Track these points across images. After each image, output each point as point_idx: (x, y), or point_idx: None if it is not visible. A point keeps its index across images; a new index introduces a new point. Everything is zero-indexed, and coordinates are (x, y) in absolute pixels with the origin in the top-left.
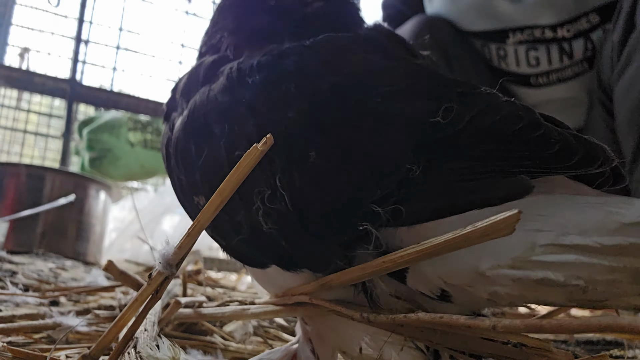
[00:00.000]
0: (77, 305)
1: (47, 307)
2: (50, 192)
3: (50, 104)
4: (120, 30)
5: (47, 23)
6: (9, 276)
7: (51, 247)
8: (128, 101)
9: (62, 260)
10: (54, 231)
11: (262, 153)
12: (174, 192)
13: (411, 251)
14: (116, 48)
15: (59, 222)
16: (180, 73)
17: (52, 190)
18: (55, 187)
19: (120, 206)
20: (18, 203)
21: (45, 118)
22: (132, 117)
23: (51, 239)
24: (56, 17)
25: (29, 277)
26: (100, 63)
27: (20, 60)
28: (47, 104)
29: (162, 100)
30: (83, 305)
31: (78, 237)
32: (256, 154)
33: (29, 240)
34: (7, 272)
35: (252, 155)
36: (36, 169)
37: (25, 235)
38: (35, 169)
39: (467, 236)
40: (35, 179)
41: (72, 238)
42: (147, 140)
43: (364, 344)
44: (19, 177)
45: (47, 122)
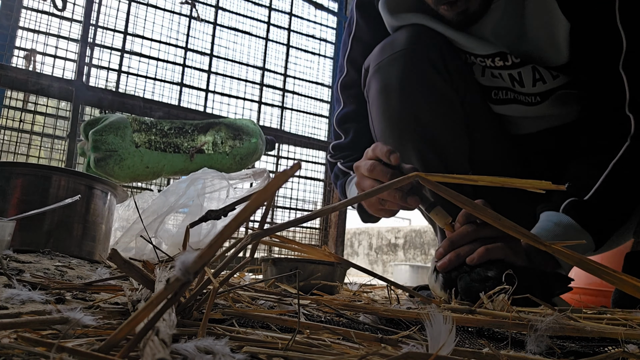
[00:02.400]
0: (84, 303)
1: (54, 304)
2: (57, 192)
3: (56, 106)
4: (125, 32)
5: (53, 26)
6: (16, 275)
7: (57, 246)
8: (133, 103)
9: (68, 258)
10: (60, 230)
11: (289, 176)
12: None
13: None
14: (121, 50)
15: (65, 221)
16: (183, 75)
17: (58, 190)
18: (61, 187)
19: (125, 205)
20: (25, 203)
21: (52, 119)
22: (137, 118)
23: (57, 237)
24: (62, 20)
25: (36, 276)
26: (105, 65)
27: (26, 62)
28: (53, 105)
29: (166, 101)
30: (89, 303)
31: (84, 236)
32: (284, 177)
33: (35, 239)
34: (14, 271)
35: (281, 177)
36: (42, 169)
37: (32, 234)
38: (41, 169)
39: None
40: (42, 179)
41: (78, 237)
42: (151, 141)
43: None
44: (26, 177)
45: (53, 123)
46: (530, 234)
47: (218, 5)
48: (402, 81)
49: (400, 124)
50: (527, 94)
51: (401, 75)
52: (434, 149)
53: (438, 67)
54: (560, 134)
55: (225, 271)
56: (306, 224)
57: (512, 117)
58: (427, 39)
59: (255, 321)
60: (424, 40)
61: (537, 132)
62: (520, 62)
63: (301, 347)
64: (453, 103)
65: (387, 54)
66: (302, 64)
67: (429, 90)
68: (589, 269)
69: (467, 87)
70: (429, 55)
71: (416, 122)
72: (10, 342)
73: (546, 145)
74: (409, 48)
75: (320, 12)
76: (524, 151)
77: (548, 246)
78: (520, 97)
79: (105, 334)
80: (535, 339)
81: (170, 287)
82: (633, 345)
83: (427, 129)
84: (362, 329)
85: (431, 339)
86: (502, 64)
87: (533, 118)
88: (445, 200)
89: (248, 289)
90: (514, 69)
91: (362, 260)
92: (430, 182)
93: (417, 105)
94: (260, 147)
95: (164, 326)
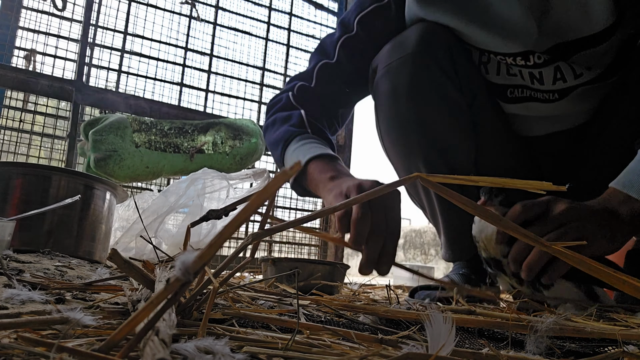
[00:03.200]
0: (84, 303)
1: (54, 304)
2: (57, 192)
3: (56, 106)
4: (125, 32)
5: (53, 26)
6: (16, 275)
7: (57, 246)
8: (133, 103)
9: (68, 258)
10: (60, 230)
11: (289, 176)
12: None
13: None
14: (121, 50)
15: (65, 221)
16: (183, 75)
17: (58, 190)
18: (61, 187)
19: (125, 205)
20: (25, 203)
21: (52, 119)
22: (137, 118)
23: (57, 237)
24: (62, 20)
25: (36, 276)
26: (105, 65)
27: (26, 62)
28: (53, 105)
29: (166, 101)
30: (89, 303)
31: (84, 236)
32: (284, 177)
33: (35, 239)
34: (14, 271)
35: (281, 177)
36: (43, 169)
37: (32, 234)
38: (41, 169)
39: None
40: (42, 179)
41: (77, 237)
42: (151, 141)
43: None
44: (26, 177)
45: (53, 123)
46: (532, 235)
47: (218, 5)
48: (410, 86)
49: (409, 129)
50: (545, 91)
51: (410, 80)
52: (441, 154)
53: (447, 70)
54: (571, 136)
55: (225, 271)
56: (306, 223)
57: (525, 118)
58: (437, 40)
59: (255, 321)
60: (434, 42)
61: (548, 135)
62: (543, 62)
63: (301, 347)
64: (461, 107)
65: (396, 56)
66: (303, 64)
67: (437, 95)
68: (589, 269)
69: (476, 88)
70: (437, 58)
71: (424, 128)
72: (10, 342)
73: (557, 148)
74: (419, 51)
75: (321, 12)
76: (534, 153)
77: (548, 246)
78: (537, 95)
79: (105, 334)
80: (535, 339)
81: (171, 287)
82: (632, 346)
83: (435, 134)
84: (362, 330)
85: (431, 339)
86: (523, 63)
87: (546, 118)
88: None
89: (248, 289)
90: (535, 69)
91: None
92: (432, 183)
93: (425, 111)
94: (260, 147)
95: (164, 326)
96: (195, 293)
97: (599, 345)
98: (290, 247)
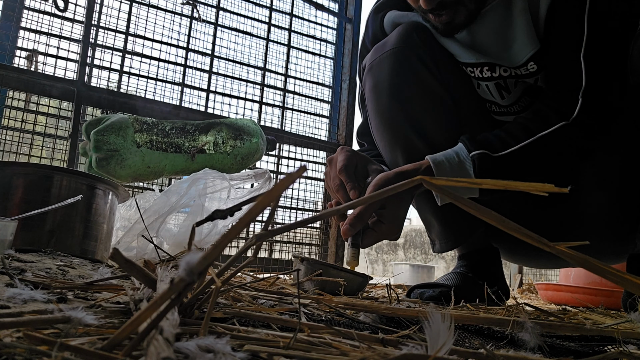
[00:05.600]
0: (85, 302)
1: (56, 304)
2: (58, 192)
3: (58, 106)
4: (127, 33)
5: (55, 26)
6: (18, 274)
7: (59, 246)
8: (135, 103)
9: (69, 258)
10: (62, 230)
11: (295, 179)
12: None
13: None
14: (123, 51)
15: (67, 221)
16: (185, 75)
17: (60, 189)
18: (63, 186)
19: (127, 205)
20: (27, 202)
21: (53, 120)
22: (138, 118)
23: (59, 237)
24: (63, 21)
25: (38, 275)
26: (107, 65)
27: (28, 63)
28: (55, 105)
29: (168, 102)
30: (91, 302)
31: (85, 236)
32: (290, 180)
33: (37, 239)
34: (16, 270)
35: (287, 180)
36: (44, 169)
37: (34, 233)
38: (43, 169)
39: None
40: (44, 179)
41: (79, 236)
42: (153, 141)
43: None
44: (28, 177)
45: (55, 123)
46: (535, 236)
47: (219, 5)
48: (391, 78)
49: (390, 119)
50: (509, 105)
51: (390, 72)
52: (422, 138)
53: (426, 62)
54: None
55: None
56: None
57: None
58: (418, 36)
59: (256, 320)
60: (415, 38)
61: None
62: (508, 75)
63: (302, 345)
64: (442, 97)
65: (379, 54)
66: (303, 64)
67: (416, 85)
68: (593, 268)
69: (457, 82)
70: (417, 52)
71: (404, 115)
72: (13, 341)
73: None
74: (399, 47)
75: (321, 13)
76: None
77: (552, 247)
78: (511, 109)
79: (107, 333)
80: (535, 338)
81: (175, 287)
82: (632, 345)
83: (415, 120)
84: (363, 329)
85: (430, 339)
86: (489, 74)
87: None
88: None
89: (249, 288)
90: (501, 80)
91: (362, 259)
92: (435, 185)
93: (405, 99)
94: (261, 147)
95: (167, 325)
96: (198, 292)
97: (599, 344)
98: (290, 247)
